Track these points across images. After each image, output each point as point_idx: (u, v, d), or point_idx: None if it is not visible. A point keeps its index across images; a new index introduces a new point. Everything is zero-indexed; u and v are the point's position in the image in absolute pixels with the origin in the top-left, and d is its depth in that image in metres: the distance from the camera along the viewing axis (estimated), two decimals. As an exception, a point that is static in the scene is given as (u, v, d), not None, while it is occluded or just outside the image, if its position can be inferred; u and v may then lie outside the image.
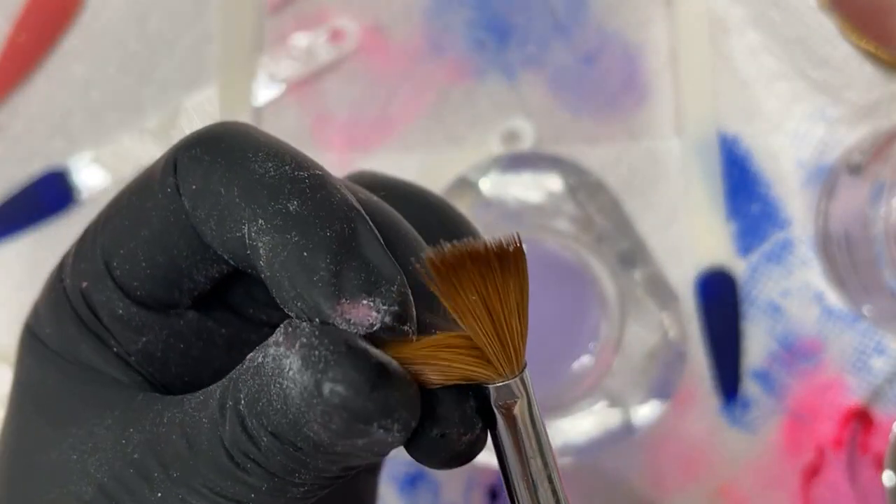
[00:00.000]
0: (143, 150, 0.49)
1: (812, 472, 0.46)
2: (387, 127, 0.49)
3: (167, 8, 0.50)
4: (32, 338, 0.23)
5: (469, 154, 0.48)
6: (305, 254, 0.19)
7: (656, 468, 0.46)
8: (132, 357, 0.22)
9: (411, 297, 0.20)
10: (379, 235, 0.20)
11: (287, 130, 0.49)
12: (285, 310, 0.20)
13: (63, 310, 0.23)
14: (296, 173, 0.20)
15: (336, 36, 0.50)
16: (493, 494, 0.46)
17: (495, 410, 0.20)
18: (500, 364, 0.20)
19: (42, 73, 0.50)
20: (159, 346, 0.23)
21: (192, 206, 0.21)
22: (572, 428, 0.43)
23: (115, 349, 0.22)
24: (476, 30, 0.50)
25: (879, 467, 0.43)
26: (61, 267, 0.23)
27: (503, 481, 0.21)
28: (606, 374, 0.42)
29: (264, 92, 0.49)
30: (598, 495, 0.46)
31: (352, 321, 0.19)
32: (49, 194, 0.49)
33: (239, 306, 0.24)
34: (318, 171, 0.21)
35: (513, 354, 0.20)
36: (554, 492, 0.20)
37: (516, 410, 0.20)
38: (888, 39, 0.47)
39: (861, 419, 0.46)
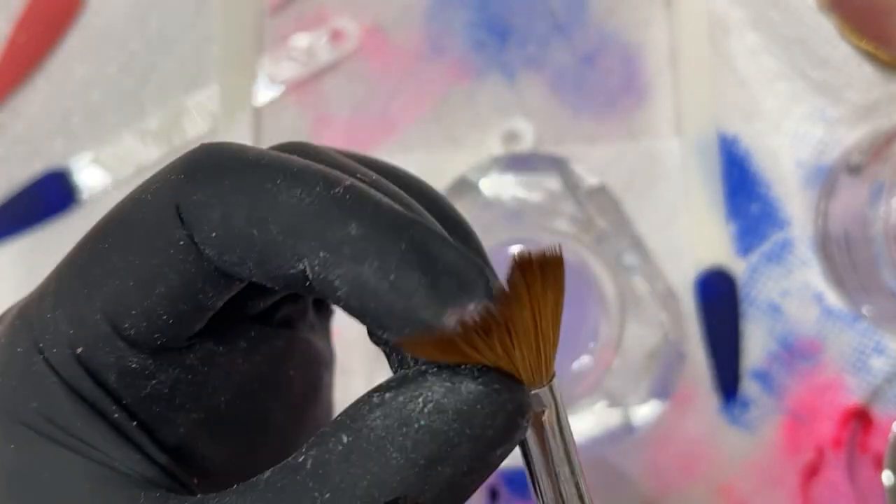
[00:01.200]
0: (144, 150, 0.49)
1: (811, 472, 0.46)
2: (387, 127, 0.49)
3: (167, 8, 0.50)
4: (13, 423, 0.20)
5: (469, 154, 0.48)
6: (393, 277, 0.18)
7: (656, 468, 0.46)
8: (137, 406, 0.21)
9: (493, 271, 0.19)
10: (436, 225, 0.20)
11: (287, 131, 0.49)
12: (383, 334, 0.19)
13: (50, 384, 0.20)
14: (332, 192, 0.19)
15: (336, 36, 0.50)
16: (493, 494, 0.46)
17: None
18: (532, 374, 0.20)
19: (42, 73, 0.50)
20: (168, 385, 0.21)
21: (219, 254, 0.19)
22: (572, 428, 0.43)
23: (115, 415, 0.20)
24: (476, 30, 0.50)
25: (879, 467, 0.43)
26: (26, 333, 0.21)
27: (530, 486, 0.21)
28: (606, 374, 0.42)
29: (264, 92, 0.49)
30: (598, 495, 0.46)
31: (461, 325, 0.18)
32: (50, 195, 0.49)
33: (232, 300, 0.23)
34: (346, 182, 0.19)
35: (544, 364, 0.20)
36: (580, 497, 0.20)
37: (545, 418, 0.20)
38: (887, 40, 0.47)
39: (860, 419, 0.46)
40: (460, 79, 0.49)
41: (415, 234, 0.19)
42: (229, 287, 0.21)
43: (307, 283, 0.19)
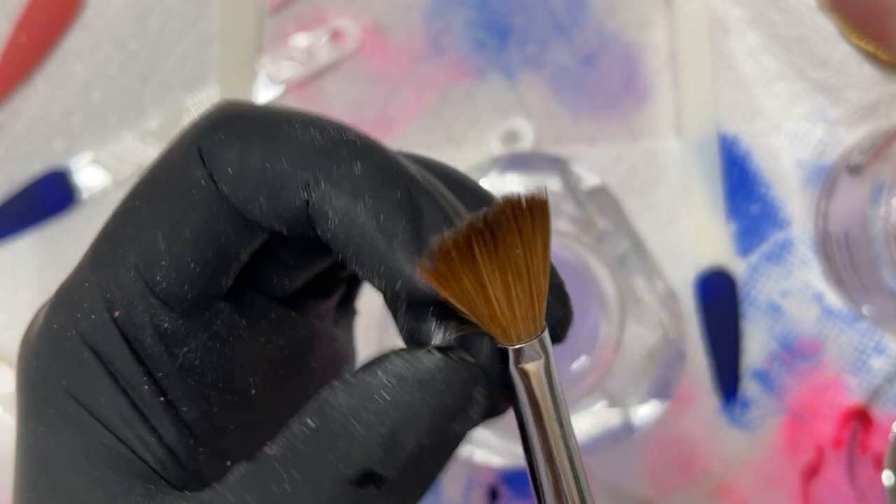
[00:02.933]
0: (144, 150, 0.49)
1: (811, 472, 0.46)
2: (387, 127, 0.49)
3: (168, 8, 0.50)
4: (41, 403, 0.21)
5: (469, 154, 0.48)
6: (382, 217, 0.19)
7: (656, 468, 0.46)
8: (169, 380, 0.21)
9: None
10: (434, 191, 0.20)
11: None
12: (359, 272, 0.20)
13: (82, 358, 0.21)
14: (343, 135, 0.20)
15: (336, 36, 0.50)
16: (493, 494, 0.46)
17: (514, 371, 0.20)
18: (523, 326, 0.20)
19: (43, 73, 0.50)
20: (199, 353, 0.22)
21: (234, 189, 0.20)
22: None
23: (145, 387, 0.21)
24: (476, 30, 0.50)
25: (879, 467, 0.43)
26: (63, 311, 0.21)
27: (521, 438, 0.21)
28: (606, 374, 0.42)
29: (264, 92, 0.50)
30: (598, 495, 0.46)
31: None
32: (50, 194, 0.49)
33: (258, 278, 0.23)
34: (361, 133, 0.20)
35: (535, 315, 0.20)
36: (570, 455, 0.20)
37: (533, 373, 0.20)
38: (887, 40, 0.47)
39: (860, 419, 0.46)
40: (460, 78, 0.49)
41: (412, 186, 0.20)
42: (250, 234, 0.21)
43: (307, 219, 0.20)
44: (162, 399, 0.21)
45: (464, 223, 0.19)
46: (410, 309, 0.22)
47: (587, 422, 0.43)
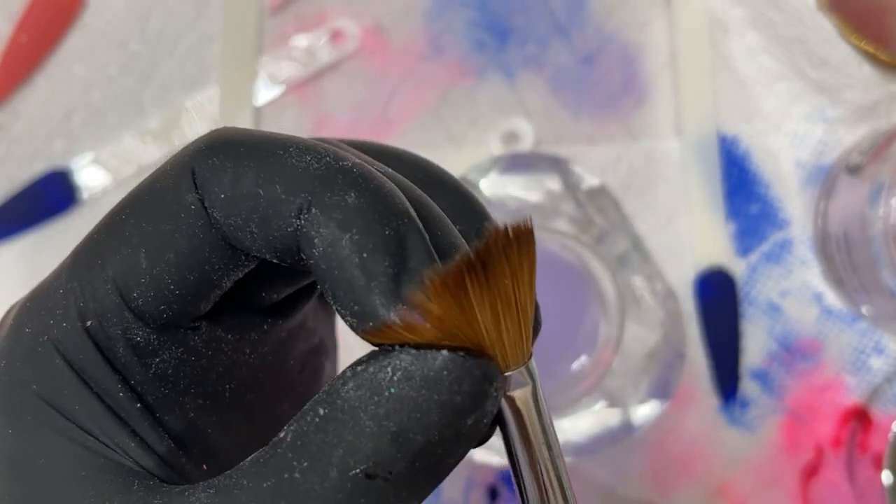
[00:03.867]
0: (144, 150, 0.49)
1: (811, 472, 0.46)
2: (387, 127, 0.49)
3: (168, 8, 0.50)
4: (15, 407, 0.21)
5: (469, 154, 0.48)
6: (365, 255, 0.19)
7: (656, 468, 0.46)
8: (143, 387, 0.21)
9: None
10: (423, 229, 0.20)
11: (287, 131, 0.49)
12: (333, 304, 0.20)
13: (54, 365, 0.21)
14: (340, 164, 0.20)
15: (336, 37, 0.50)
16: (493, 494, 0.46)
17: (502, 399, 0.20)
18: (511, 355, 0.20)
19: (43, 73, 0.50)
20: (171, 364, 0.22)
21: (225, 216, 0.20)
22: (572, 428, 0.43)
23: (120, 395, 0.21)
24: (476, 30, 0.50)
25: (878, 467, 0.43)
26: (36, 316, 0.21)
27: (509, 465, 0.21)
28: (606, 374, 0.42)
29: (265, 92, 0.50)
30: (598, 495, 0.46)
31: (403, 327, 0.19)
32: (50, 194, 0.49)
33: (244, 293, 0.23)
34: (358, 161, 0.20)
35: (523, 343, 0.20)
36: (559, 479, 0.21)
37: (520, 399, 0.20)
38: (887, 40, 0.48)
39: (860, 419, 0.46)
40: (460, 79, 0.49)
41: (402, 225, 0.19)
42: (235, 263, 0.21)
43: (296, 247, 0.20)
44: (139, 405, 0.21)
45: (455, 259, 0.19)
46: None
47: (587, 422, 0.43)
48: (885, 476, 0.42)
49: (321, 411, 0.19)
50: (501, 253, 0.19)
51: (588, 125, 0.49)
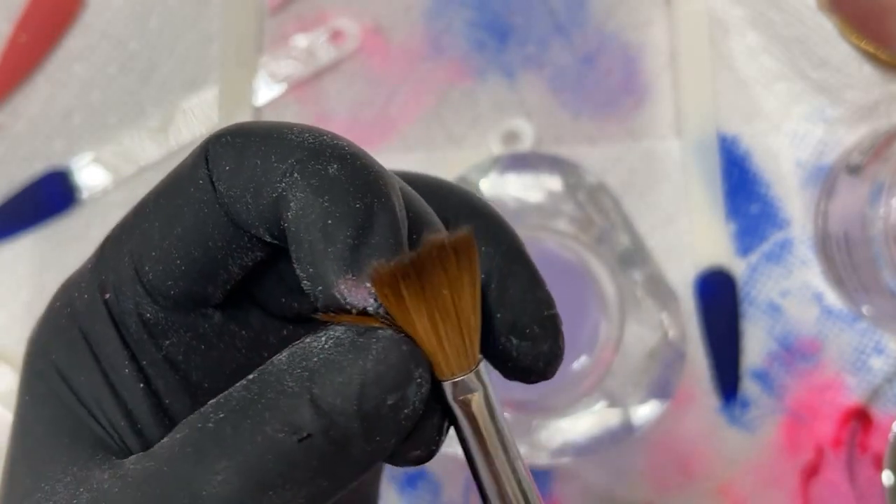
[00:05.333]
0: (144, 150, 0.49)
1: (811, 472, 0.46)
2: (387, 127, 0.49)
3: (168, 8, 0.50)
4: (34, 375, 0.22)
5: (469, 154, 0.48)
6: (330, 221, 0.19)
7: (656, 468, 0.46)
8: (154, 369, 0.22)
9: None
10: (405, 217, 0.20)
11: (287, 130, 0.49)
12: (297, 268, 0.20)
13: (71, 336, 0.22)
14: (335, 142, 0.20)
15: (336, 36, 0.50)
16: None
17: (453, 404, 0.21)
18: (455, 362, 0.20)
19: (43, 73, 0.50)
20: (181, 349, 0.22)
21: (227, 187, 0.21)
22: (572, 428, 0.43)
23: (125, 371, 0.22)
24: (476, 30, 0.50)
25: (878, 467, 0.43)
26: (66, 292, 0.23)
27: (470, 472, 0.21)
28: (606, 374, 0.42)
29: (265, 92, 0.50)
30: (598, 495, 0.46)
31: (348, 300, 0.19)
32: (50, 194, 0.49)
33: (265, 297, 0.24)
34: (355, 145, 0.21)
35: (469, 350, 0.20)
36: (518, 481, 0.21)
37: (474, 404, 0.21)
38: (887, 40, 0.48)
39: (860, 419, 0.46)
40: (460, 79, 0.49)
41: (377, 203, 0.20)
42: (239, 243, 0.21)
43: (277, 210, 0.20)
44: (142, 385, 0.22)
45: (392, 264, 0.19)
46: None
47: (587, 422, 0.43)
48: (886, 476, 0.42)
49: (251, 376, 0.20)
50: (437, 264, 0.19)
51: (588, 125, 0.49)
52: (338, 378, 0.19)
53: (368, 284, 0.19)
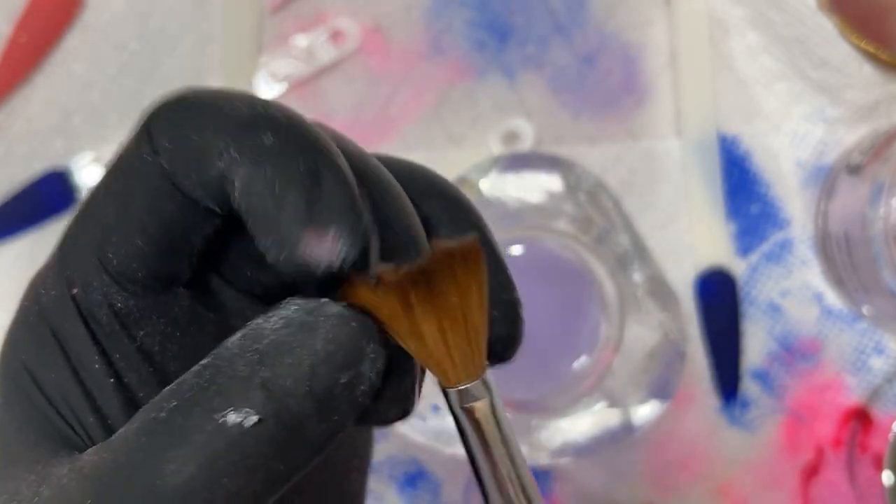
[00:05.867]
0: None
1: (811, 472, 0.46)
2: (387, 127, 0.49)
3: (168, 8, 0.50)
4: (5, 376, 0.22)
5: (469, 154, 0.48)
6: (277, 188, 0.19)
7: (656, 468, 0.46)
8: (126, 362, 0.21)
9: (377, 242, 0.20)
10: (351, 175, 0.20)
11: (287, 130, 0.49)
12: (257, 242, 0.20)
13: (40, 334, 0.21)
14: (269, 111, 0.20)
15: (336, 36, 0.50)
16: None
17: (459, 412, 0.20)
18: (462, 370, 0.20)
19: (43, 73, 0.50)
20: (157, 339, 0.22)
21: (170, 163, 0.20)
22: (572, 428, 0.43)
23: (95, 366, 0.21)
24: (476, 30, 0.50)
25: (878, 467, 0.43)
26: (33, 289, 0.22)
27: (474, 477, 0.21)
28: (606, 374, 0.42)
29: (265, 92, 0.50)
30: (598, 495, 0.46)
31: (314, 254, 0.19)
32: (50, 194, 0.49)
33: (232, 273, 0.23)
34: (291, 113, 0.21)
35: (476, 357, 0.20)
36: (524, 487, 0.21)
37: (479, 411, 0.20)
38: (887, 40, 0.48)
39: (860, 419, 0.46)
40: (460, 79, 0.49)
41: (320, 158, 0.20)
42: (194, 215, 0.21)
43: (223, 188, 0.20)
44: (112, 380, 0.21)
45: (401, 271, 0.19)
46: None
47: (587, 422, 0.43)
48: (886, 476, 0.42)
49: (204, 361, 0.19)
50: (446, 271, 0.19)
51: (588, 125, 0.49)
52: (287, 360, 0.19)
53: (332, 234, 0.19)
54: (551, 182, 0.45)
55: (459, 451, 0.21)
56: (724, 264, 0.47)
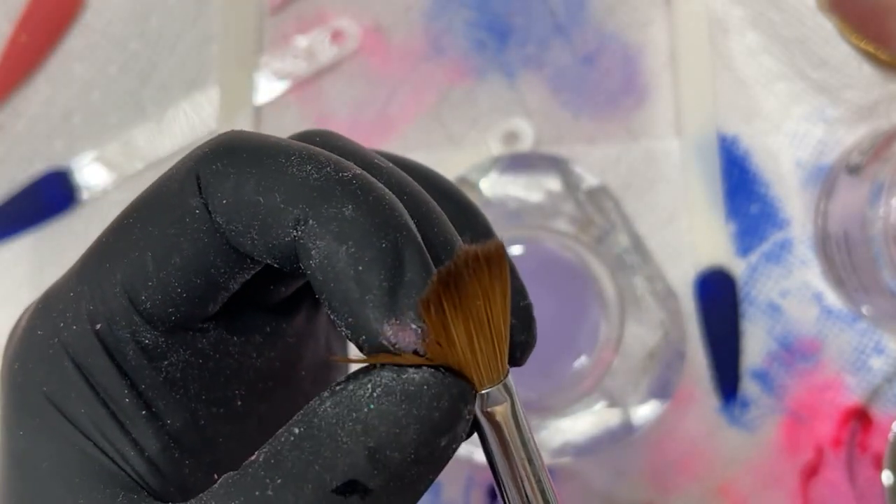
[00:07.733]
0: (144, 150, 0.49)
1: (811, 472, 0.46)
2: (387, 127, 0.49)
3: (168, 8, 0.50)
4: (24, 408, 0.21)
5: (469, 154, 0.48)
6: (361, 267, 0.19)
7: (656, 468, 0.46)
8: (153, 392, 0.21)
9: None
10: (421, 242, 0.20)
11: (287, 131, 0.49)
12: (331, 315, 0.20)
13: (63, 367, 0.21)
14: (340, 175, 0.20)
15: (336, 36, 0.50)
16: (494, 494, 0.46)
17: (480, 416, 0.20)
18: (486, 374, 0.20)
19: (43, 73, 0.50)
20: (180, 367, 0.22)
21: (227, 221, 0.20)
22: (572, 428, 0.43)
23: (126, 401, 0.21)
24: (476, 30, 0.50)
25: (878, 467, 0.43)
26: (47, 318, 0.21)
27: (494, 481, 0.21)
28: (606, 374, 0.42)
29: (264, 92, 0.50)
30: (598, 495, 0.46)
31: (397, 344, 0.19)
32: (50, 194, 0.49)
33: (253, 290, 0.23)
34: (358, 171, 0.20)
35: (498, 361, 0.20)
36: (542, 492, 0.21)
37: (500, 415, 0.20)
38: (887, 40, 0.48)
39: (860, 418, 0.46)
40: (460, 79, 0.49)
41: (400, 238, 0.19)
42: (240, 266, 0.21)
43: (295, 255, 0.20)
44: (144, 412, 0.21)
45: (430, 280, 0.19)
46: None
47: (587, 422, 0.43)
48: (886, 476, 0.42)
49: (296, 430, 0.19)
50: (472, 274, 0.19)
51: (588, 125, 0.49)
52: (394, 430, 0.19)
53: (413, 326, 0.19)
54: (551, 182, 0.45)
55: (459, 451, 0.21)
56: (724, 264, 0.47)
